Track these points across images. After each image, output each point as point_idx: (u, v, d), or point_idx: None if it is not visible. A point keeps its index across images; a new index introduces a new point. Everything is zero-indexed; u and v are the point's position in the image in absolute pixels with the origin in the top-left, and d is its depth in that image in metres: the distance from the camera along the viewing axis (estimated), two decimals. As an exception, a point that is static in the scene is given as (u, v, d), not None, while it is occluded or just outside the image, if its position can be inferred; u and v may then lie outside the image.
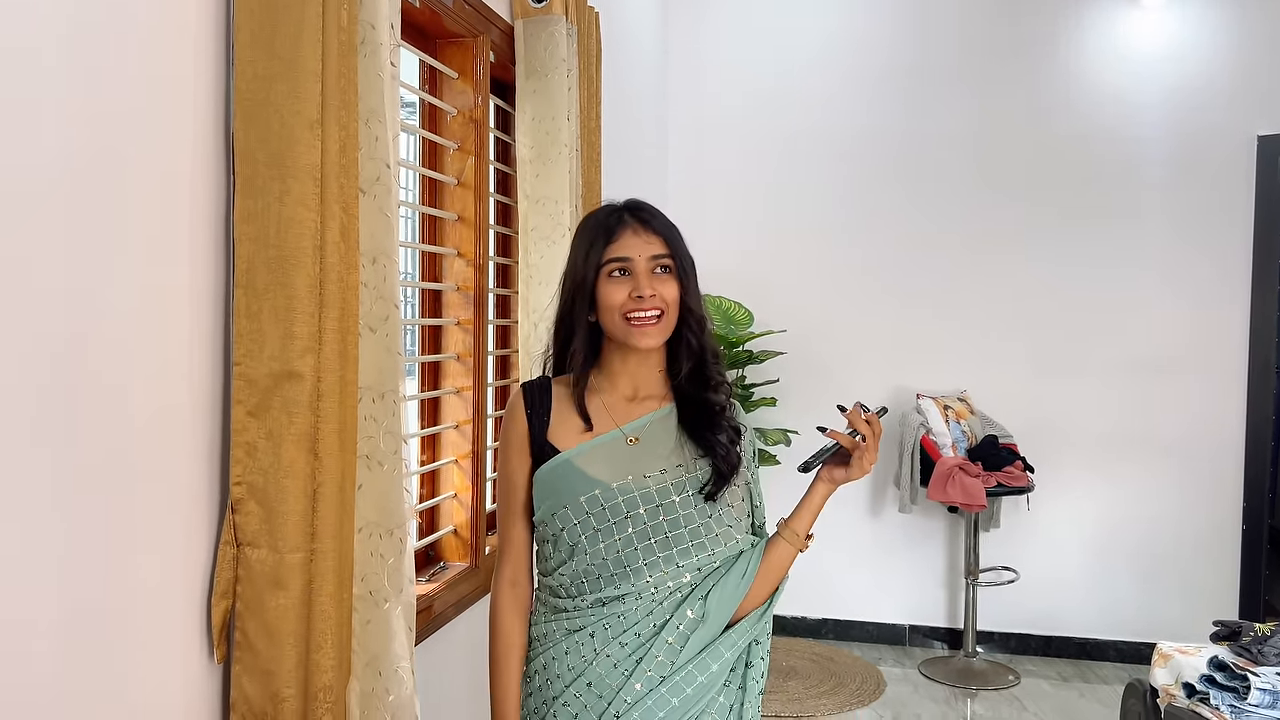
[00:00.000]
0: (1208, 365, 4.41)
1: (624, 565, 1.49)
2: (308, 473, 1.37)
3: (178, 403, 1.34)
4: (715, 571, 1.52)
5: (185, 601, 1.37)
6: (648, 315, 1.49)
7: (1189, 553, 4.43)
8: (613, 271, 1.51)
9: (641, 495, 1.50)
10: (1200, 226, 4.40)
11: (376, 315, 1.53)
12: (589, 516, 1.50)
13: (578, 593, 1.52)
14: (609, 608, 1.50)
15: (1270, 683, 2.14)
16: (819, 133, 4.71)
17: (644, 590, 1.49)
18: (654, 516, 1.50)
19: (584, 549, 1.50)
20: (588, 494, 1.50)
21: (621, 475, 1.51)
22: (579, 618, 1.51)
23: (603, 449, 1.53)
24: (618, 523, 1.49)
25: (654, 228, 1.53)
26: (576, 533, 1.50)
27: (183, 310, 1.34)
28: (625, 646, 1.48)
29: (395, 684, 1.51)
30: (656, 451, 1.54)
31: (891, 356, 4.66)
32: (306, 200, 1.35)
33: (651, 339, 1.50)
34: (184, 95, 1.33)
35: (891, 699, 4.01)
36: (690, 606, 1.49)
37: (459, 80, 2.39)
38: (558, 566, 1.54)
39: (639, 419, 1.56)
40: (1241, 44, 4.34)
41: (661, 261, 1.52)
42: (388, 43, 1.54)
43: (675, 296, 1.52)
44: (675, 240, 1.55)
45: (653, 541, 1.49)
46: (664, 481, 1.51)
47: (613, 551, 1.49)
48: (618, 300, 1.50)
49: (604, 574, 1.50)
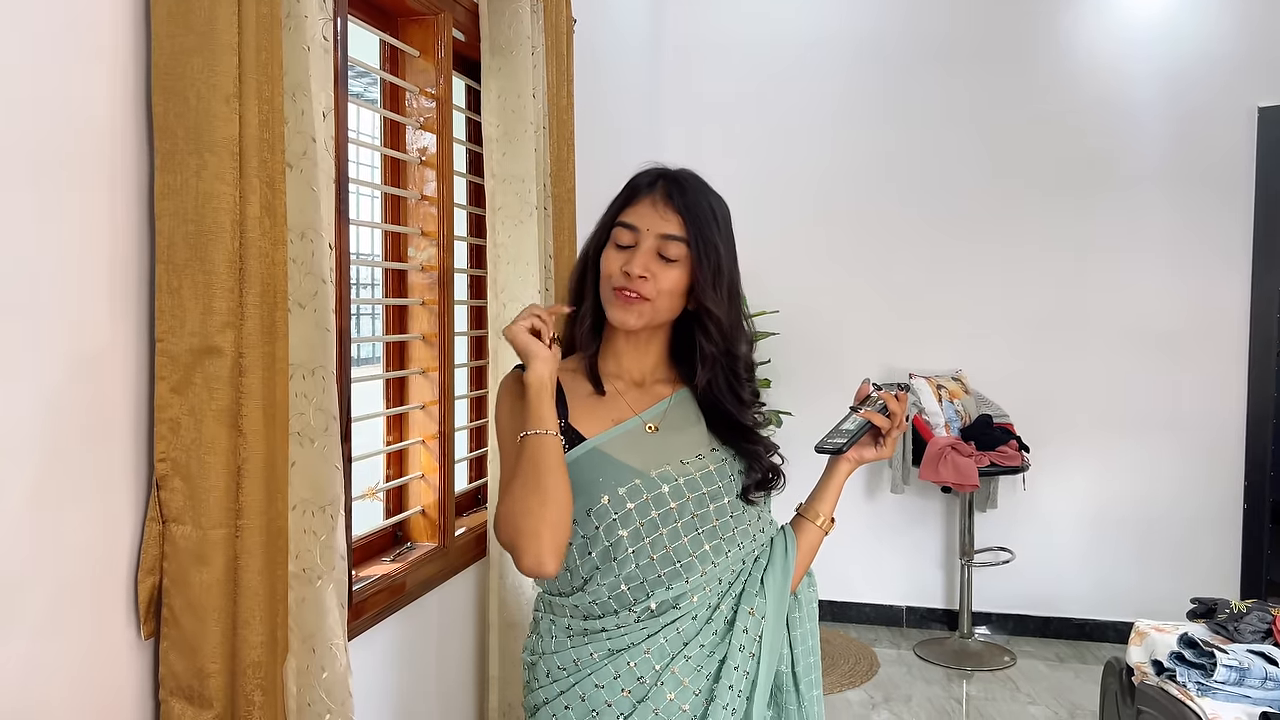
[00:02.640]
0: (1208, 342, 4.35)
1: (674, 563, 1.35)
2: (230, 449, 1.37)
3: (102, 378, 1.33)
4: (756, 564, 1.43)
5: (113, 578, 1.37)
6: (631, 294, 1.36)
7: (1189, 532, 4.38)
8: (619, 239, 1.38)
9: (687, 482, 1.38)
10: (1200, 201, 4.32)
11: (306, 291, 1.52)
12: (630, 512, 1.34)
13: (620, 606, 1.35)
14: (662, 617, 1.35)
15: (1238, 659, 2.11)
16: (812, 112, 4.67)
17: (698, 589, 1.36)
18: (702, 505, 1.38)
19: (625, 550, 1.34)
20: (628, 484, 1.35)
21: (657, 463, 1.38)
22: (625, 634, 1.35)
23: (628, 437, 1.40)
24: (662, 515, 1.35)
25: (677, 205, 1.37)
26: (615, 532, 1.34)
27: (104, 286, 1.34)
28: (692, 661, 1.35)
29: (329, 661, 1.51)
30: (684, 438, 1.43)
31: (886, 336, 4.62)
32: (224, 175, 1.34)
33: (629, 317, 1.37)
34: (103, 70, 1.32)
35: (883, 680, 3.99)
36: (750, 604, 1.39)
37: (421, 58, 2.37)
38: (588, 580, 1.36)
39: (654, 406, 1.44)
40: (1240, 14, 4.26)
41: (670, 245, 1.36)
42: (316, 15, 1.53)
43: (674, 286, 1.37)
44: (701, 224, 1.37)
45: (701, 532, 1.37)
46: (705, 467, 1.41)
47: (660, 548, 1.35)
48: (611, 269, 1.37)
49: (650, 577, 1.35)
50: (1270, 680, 2.06)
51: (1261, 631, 2.30)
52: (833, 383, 4.57)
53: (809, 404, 4.38)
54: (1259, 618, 2.32)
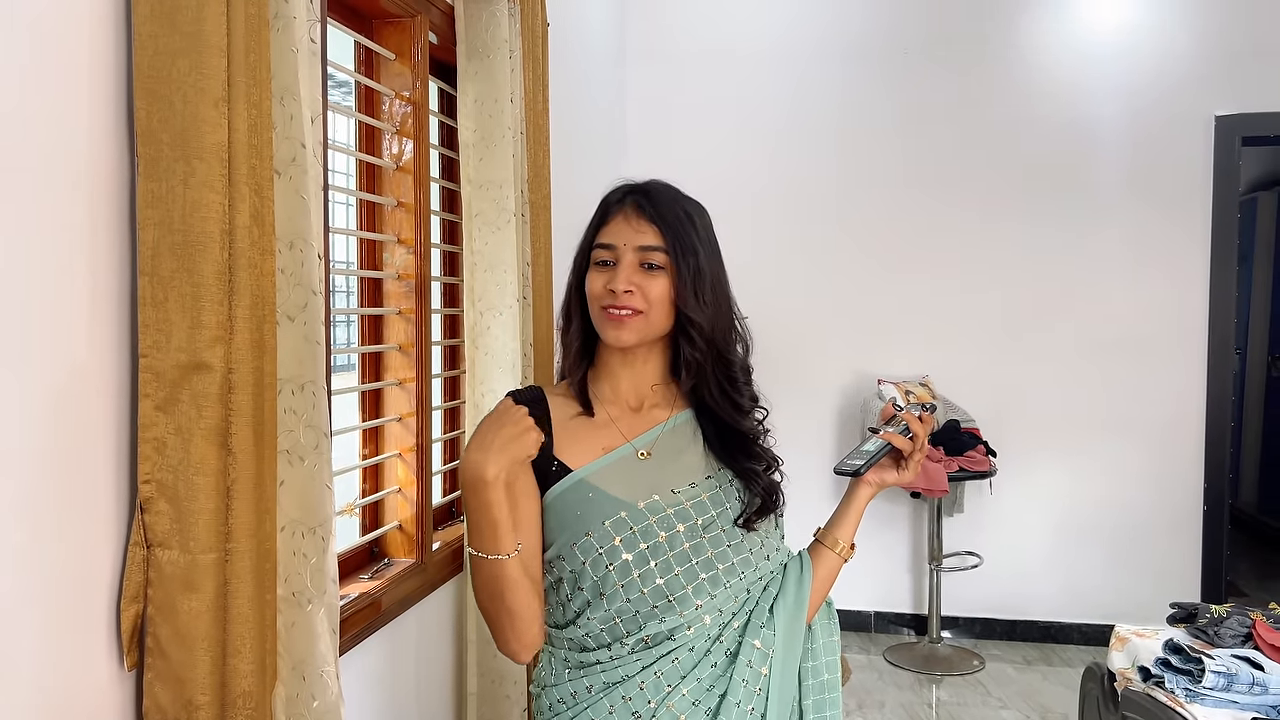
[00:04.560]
0: (1168, 346, 4.42)
1: (666, 596, 1.31)
2: (220, 469, 1.30)
3: (82, 397, 1.26)
4: (765, 593, 1.38)
5: (93, 607, 1.29)
6: (622, 312, 1.34)
7: (1152, 534, 4.44)
8: (599, 259, 1.37)
9: (677, 513, 1.34)
10: (1159, 208, 4.40)
11: (295, 303, 1.46)
12: (617, 546, 1.31)
13: (613, 638, 1.32)
14: (657, 649, 1.31)
15: (1225, 665, 2.13)
16: (774, 120, 4.67)
17: (694, 621, 1.31)
18: (693, 536, 1.33)
19: (614, 585, 1.30)
20: (613, 517, 1.32)
21: (645, 494, 1.34)
22: (620, 666, 1.31)
23: (616, 467, 1.36)
24: (651, 548, 1.31)
25: (649, 215, 1.36)
26: (602, 566, 1.31)
27: (84, 300, 1.27)
28: (688, 696, 1.30)
29: (320, 689, 1.45)
30: (678, 465, 1.38)
31: (852, 341, 4.63)
32: (213, 182, 1.28)
33: (623, 334, 1.34)
34: (80, 72, 1.25)
35: (856, 687, 3.98)
36: (755, 637, 1.34)
37: (396, 62, 2.31)
38: (580, 613, 1.34)
39: (647, 432, 1.40)
40: (1198, 24, 4.34)
41: (651, 255, 1.35)
42: (304, 17, 1.47)
43: (663, 294, 1.34)
44: (678, 232, 1.36)
45: (695, 563, 1.32)
46: (697, 496, 1.36)
47: (650, 583, 1.30)
48: (596, 289, 1.36)
49: (642, 610, 1.31)
50: (1258, 685, 2.08)
51: (1241, 635, 2.32)
52: (802, 389, 4.58)
53: (776, 412, 4.35)
54: (1239, 622, 2.34)
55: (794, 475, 1.51)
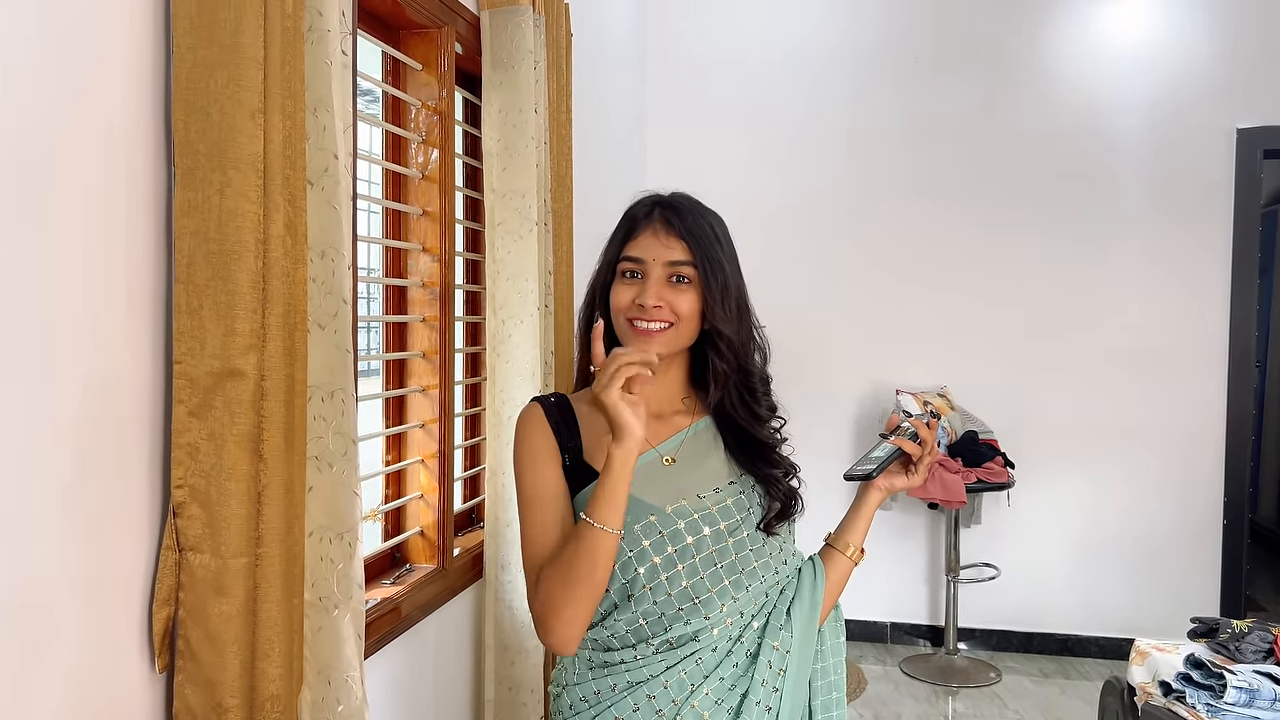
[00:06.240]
0: (1189, 360, 4.40)
1: (692, 599, 1.33)
2: (251, 474, 1.32)
3: (116, 402, 1.28)
4: (783, 596, 1.41)
5: (126, 609, 1.32)
6: (651, 325, 1.36)
7: (1170, 548, 4.42)
8: (625, 272, 1.39)
9: (703, 517, 1.36)
10: (1180, 221, 4.38)
11: (325, 311, 1.48)
12: (646, 549, 1.33)
13: (638, 639, 1.35)
14: (681, 649, 1.34)
15: (1247, 680, 2.12)
16: (798, 128, 4.68)
17: (718, 623, 1.34)
18: (719, 540, 1.36)
19: (642, 586, 1.32)
20: (642, 521, 1.34)
21: (673, 499, 1.37)
22: (645, 666, 1.33)
23: (643, 472, 1.37)
24: (680, 550, 1.33)
25: (679, 231, 1.37)
26: (631, 569, 1.33)
27: (121, 308, 1.29)
28: (711, 695, 1.33)
29: (345, 694, 1.46)
30: (702, 471, 1.41)
31: (870, 352, 4.63)
32: (248, 192, 1.30)
33: (650, 348, 1.33)
34: (120, 84, 1.28)
35: (872, 698, 3.98)
36: (774, 638, 1.37)
37: (423, 72, 2.34)
38: (606, 615, 1.36)
39: (671, 438, 1.42)
40: (1219, 37, 4.33)
41: (680, 270, 1.37)
42: (337, 30, 1.49)
43: (692, 309, 1.37)
44: (706, 247, 1.38)
45: (720, 567, 1.35)
46: (722, 500, 1.39)
47: (677, 585, 1.33)
48: (623, 302, 1.37)
49: (668, 612, 1.33)
50: (1280, 701, 2.07)
51: (1263, 651, 2.31)
52: (820, 399, 4.59)
53: (795, 420, 4.35)
54: (1260, 637, 2.33)
55: (812, 483, 1.53)
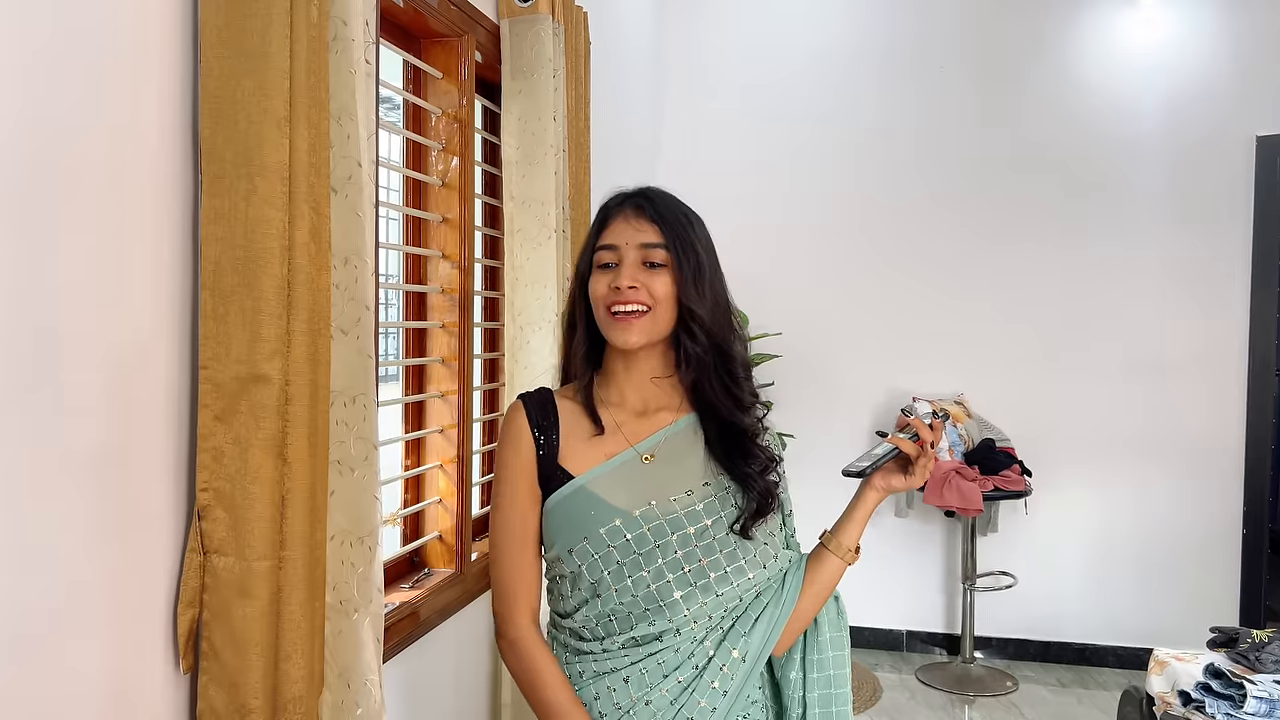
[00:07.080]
0: (1208, 368, 4.37)
1: (657, 601, 1.34)
2: (276, 479, 1.34)
3: (143, 406, 1.30)
4: (757, 600, 1.39)
5: (151, 610, 1.33)
6: (628, 309, 1.35)
7: (1189, 557, 4.39)
8: (602, 262, 1.38)
9: (670, 522, 1.36)
10: (1199, 228, 4.36)
11: (349, 317, 1.50)
12: (611, 551, 1.34)
13: (605, 633, 1.37)
14: (645, 648, 1.35)
15: (1267, 690, 2.11)
16: (815, 135, 4.68)
17: (683, 625, 1.35)
18: (685, 544, 1.35)
19: (609, 587, 1.35)
20: (609, 524, 1.34)
21: (642, 501, 1.36)
22: (609, 659, 1.37)
23: (618, 472, 1.38)
24: (645, 555, 1.34)
25: (650, 214, 1.38)
26: (598, 570, 1.35)
27: (147, 312, 1.31)
28: (667, 695, 1.34)
29: (364, 697, 1.48)
30: (678, 470, 1.39)
31: (887, 359, 4.62)
32: (274, 199, 1.32)
33: (630, 335, 1.35)
34: (149, 93, 1.30)
35: (887, 705, 3.97)
36: (734, 645, 1.37)
37: (444, 80, 2.36)
38: (578, 607, 1.38)
39: (652, 435, 1.41)
40: (1239, 44, 4.31)
41: (652, 252, 1.36)
42: (360, 39, 1.51)
43: (666, 291, 1.36)
44: (677, 229, 1.37)
45: (687, 571, 1.35)
46: (692, 505, 1.37)
47: (642, 587, 1.34)
48: (601, 290, 1.37)
49: (634, 611, 1.35)
50: (1300, 712, 2.06)
51: (1283, 661, 2.29)
52: (836, 406, 4.59)
53: (812, 427, 4.38)
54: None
55: (825, 488, 1.53)
